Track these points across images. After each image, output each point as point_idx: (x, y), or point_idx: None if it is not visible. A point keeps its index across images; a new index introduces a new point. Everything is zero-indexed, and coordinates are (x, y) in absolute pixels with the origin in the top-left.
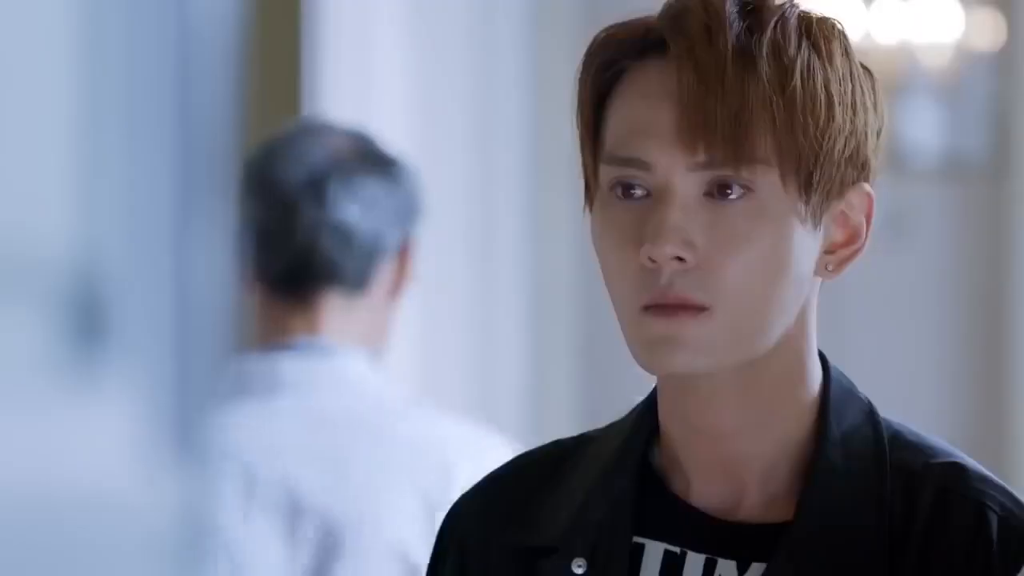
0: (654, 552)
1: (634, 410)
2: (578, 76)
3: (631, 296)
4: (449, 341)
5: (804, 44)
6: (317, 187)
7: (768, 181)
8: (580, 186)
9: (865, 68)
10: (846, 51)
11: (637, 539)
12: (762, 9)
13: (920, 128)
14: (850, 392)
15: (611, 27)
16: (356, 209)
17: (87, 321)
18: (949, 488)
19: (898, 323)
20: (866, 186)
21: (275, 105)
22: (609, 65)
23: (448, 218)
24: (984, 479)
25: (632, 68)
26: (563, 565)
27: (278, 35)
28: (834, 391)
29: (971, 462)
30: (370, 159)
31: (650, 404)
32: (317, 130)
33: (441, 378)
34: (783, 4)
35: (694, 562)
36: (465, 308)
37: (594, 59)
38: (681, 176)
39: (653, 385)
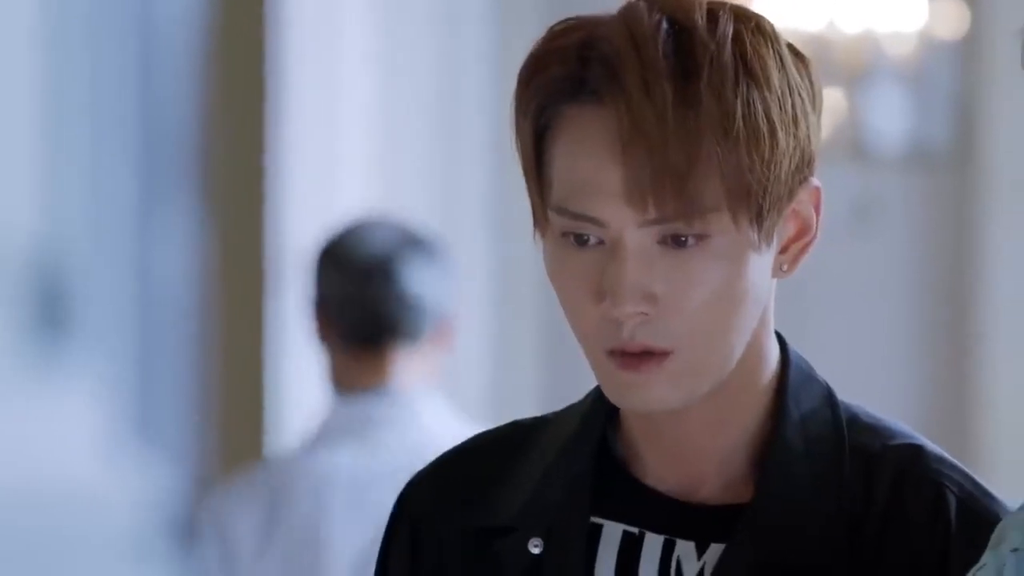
0: (612, 533)
1: (593, 392)
2: (514, 112)
3: (594, 340)
4: None
5: (741, 75)
6: (383, 267)
7: (720, 224)
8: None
9: (794, 53)
10: (781, 61)
11: (595, 519)
12: (693, 41)
13: (884, 117)
14: (808, 375)
15: (541, 56)
16: (411, 282)
17: (51, 314)
18: (907, 470)
19: (862, 311)
20: (813, 180)
21: (239, 100)
22: (543, 108)
23: (410, 209)
24: (942, 460)
25: (568, 113)
26: (520, 545)
27: (242, 30)
28: (792, 375)
29: (929, 444)
30: (419, 245)
31: None
32: (378, 223)
33: None
34: (713, 21)
35: (652, 543)
36: None
37: (529, 100)
38: (633, 231)
39: None
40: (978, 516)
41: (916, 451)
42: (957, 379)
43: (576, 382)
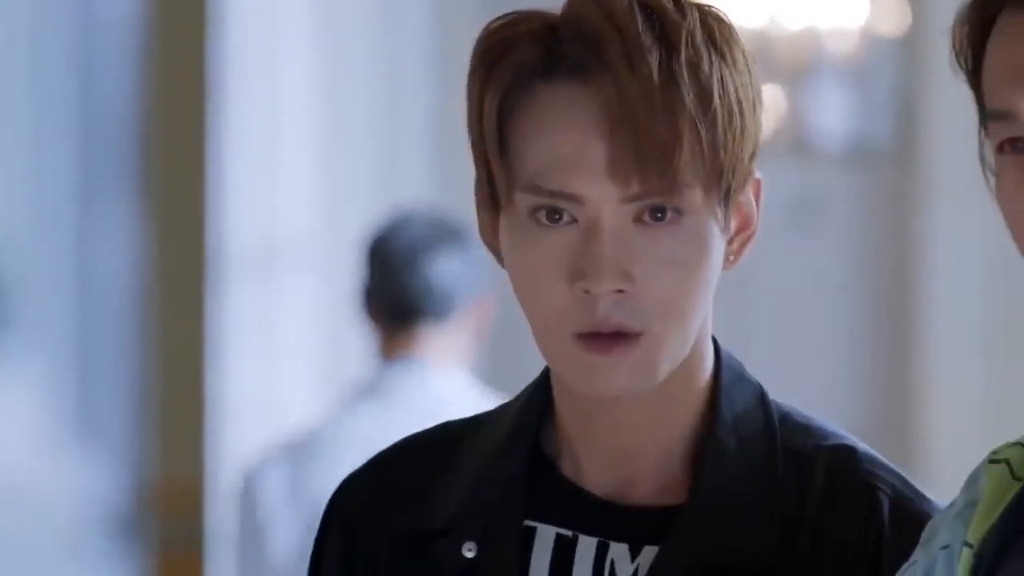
0: (545, 536)
1: (526, 390)
2: (475, 85)
3: (560, 323)
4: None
5: (714, 56)
6: (410, 257)
7: (694, 200)
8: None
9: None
10: (743, 49)
11: (528, 522)
12: (665, 20)
13: (825, 113)
14: (740, 375)
15: (499, 34)
16: (435, 269)
17: None
18: (840, 470)
19: (804, 306)
20: (756, 172)
21: (179, 96)
22: (511, 88)
23: (354, 205)
24: (874, 461)
25: (542, 91)
26: (454, 548)
27: (182, 26)
28: (725, 374)
29: (860, 444)
30: (447, 236)
31: (543, 384)
32: (413, 217)
33: (346, 370)
34: (679, 4)
35: (586, 546)
36: None
37: (495, 81)
38: (613, 207)
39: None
40: (910, 517)
41: (848, 452)
42: (897, 373)
43: (521, 374)
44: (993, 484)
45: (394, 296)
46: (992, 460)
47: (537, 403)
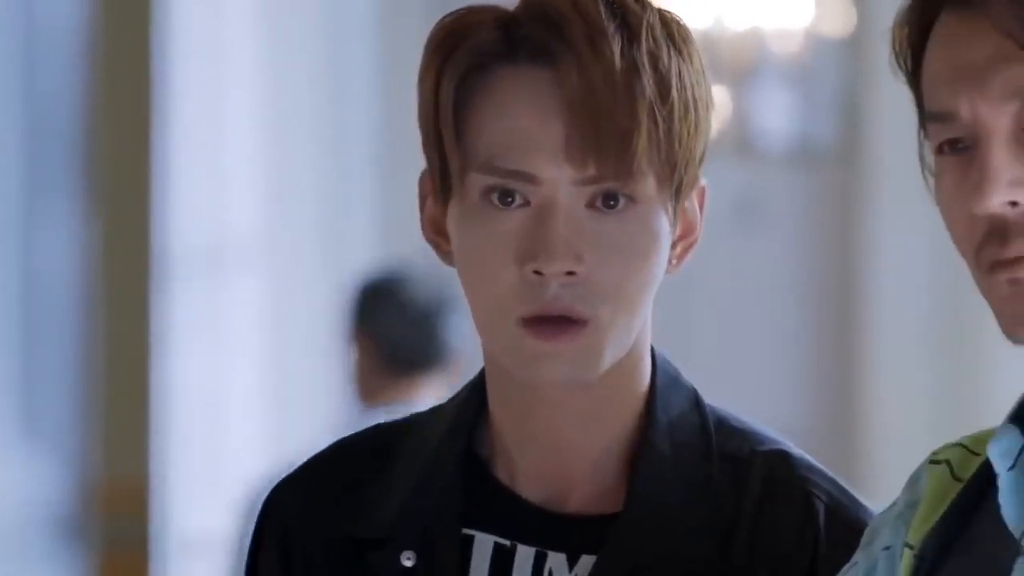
0: (484, 545)
1: (459, 394)
2: (430, 73)
3: (507, 307)
4: (304, 333)
5: (672, 51)
6: (425, 316)
7: (647, 191)
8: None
9: None
10: (697, 50)
11: (467, 531)
12: (626, 10)
13: (769, 114)
14: (676, 379)
15: (457, 23)
16: (450, 323)
17: None
18: (776, 476)
19: (748, 307)
20: (702, 179)
21: (125, 97)
22: (469, 71)
23: (299, 205)
24: (810, 467)
25: (502, 74)
26: (392, 558)
27: (128, 27)
28: (660, 379)
29: (796, 450)
30: (448, 300)
31: (477, 387)
32: (419, 277)
33: (292, 369)
34: (641, 2)
35: (524, 555)
36: (318, 302)
37: (450, 59)
38: (567, 189)
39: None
40: (846, 524)
41: (784, 457)
42: (841, 373)
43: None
44: (934, 485)
45: (410, 344)
46: (933, 461)
47: (472, 405)
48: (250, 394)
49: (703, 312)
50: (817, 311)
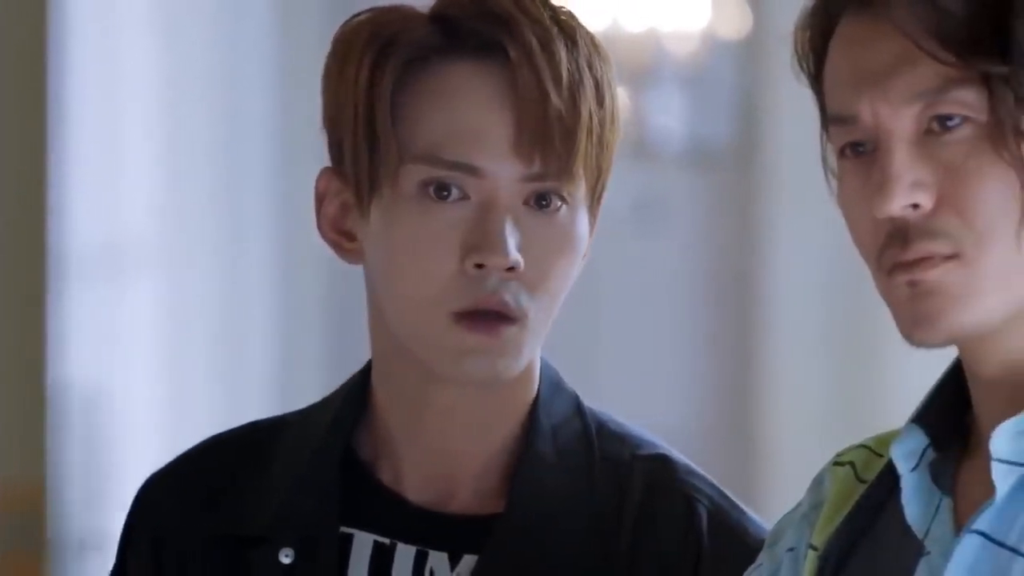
0: (363, 543)
1: (338, 393)
2: (362, 68)
3: (439, 300)
4: (200, 335)
5: (599, 59)
6: None
7: (579, 192)
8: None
9: None
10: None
11: (346, 529)
12: (558, 16)
13: (668, 115)
14: (558, 385)
15: (377, 18)
16: None
17: None
18: (657, 481)
19: (645, 307)
20: None
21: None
22: (411, 60)
23: (196, 207)
24: (691, 472)
25: (444, 66)
26: (271, 555)
27: (22, 28)
28: (544, 385)
29: (676, 454)
30: None
31: (359, 387)
32: None
33: (188, 370)
34: (569, 12)
35: (404, 554)
36: (214, 303)
37: (387, 51)
38: (509, 185)
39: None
40: (728, 528)
41: (664, 461)
42: (738, 374)
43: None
44: (838, 486)
45: None
46: (837, 462)
47: (353, 405)
48: (146, 395)
49: (601, 313)
50: (714, 312)
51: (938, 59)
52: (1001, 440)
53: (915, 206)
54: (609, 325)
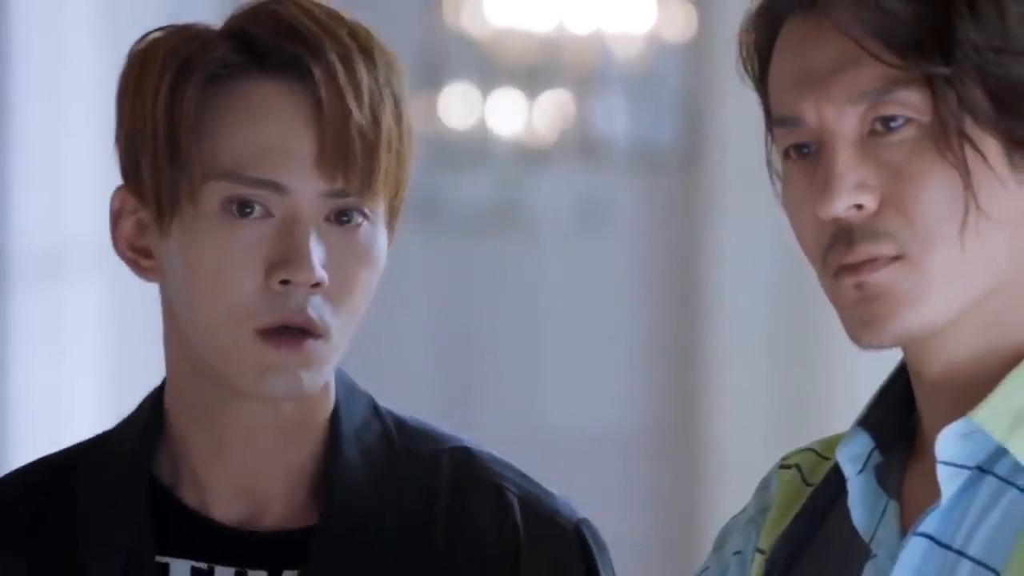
0: (180, 571)
1: (132, 419)
2: (162, 84)
3: (243, 317)
4: (144, 337)
5: (396, 78)
6: None
7: (378, 208)
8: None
9: None
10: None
11: (161, 559)
12: (358, 35)
13: (612, 118)
14: (353, 388)
15: (171, 37)
16: None
17: None
18: (464, 474)
19: (590, 311)
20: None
21: None
22: (216, 76)
23: None
24: (495, 460)
25: (246, 84)
26: None
27: None
28: (340, 389)
29: (477, 446)
30: None
31: (153, 411)
32: None
33: (132, 372)
34: (367, 31)
35: None
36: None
37: (186, 68)
38: (312, 202)
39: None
40: (539, 512)
41: (467, 453)
42: (683, 376)
43: None
44: (785, 489)
45: None
46: (783, 466)
47: (153, 429)
48: (91, 398)
49: (546, 316)
50: (659, 314)
51: (882, 60)
52: (946, 443)
53: (859, 207)
54: (552, 328)
